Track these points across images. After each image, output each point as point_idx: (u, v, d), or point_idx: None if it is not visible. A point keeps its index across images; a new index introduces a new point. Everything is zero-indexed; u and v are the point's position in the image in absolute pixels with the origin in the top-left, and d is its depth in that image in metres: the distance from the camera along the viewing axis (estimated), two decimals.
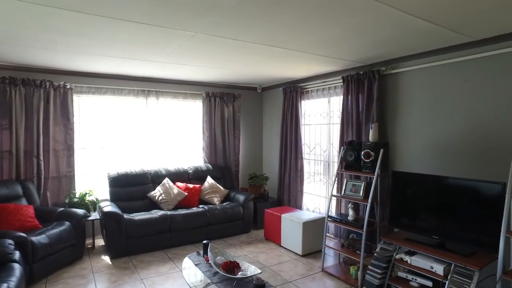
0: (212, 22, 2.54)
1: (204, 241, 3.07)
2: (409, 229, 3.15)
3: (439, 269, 2.68)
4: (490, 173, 2.86)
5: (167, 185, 4.83)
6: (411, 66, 3.56)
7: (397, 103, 3.72)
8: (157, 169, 5.04)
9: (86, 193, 4.47)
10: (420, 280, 2.86)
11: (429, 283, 2.80)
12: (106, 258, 4.06)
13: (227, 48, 3.30)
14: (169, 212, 4.46)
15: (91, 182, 4.79)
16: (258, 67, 4.30)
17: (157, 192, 4.77)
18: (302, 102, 5.21)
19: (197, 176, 5.27)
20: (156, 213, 4.38)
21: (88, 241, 4.54)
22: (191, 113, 5.60)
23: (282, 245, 4.47)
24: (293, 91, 5.19)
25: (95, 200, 4.50)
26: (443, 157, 3.28)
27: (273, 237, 4.62)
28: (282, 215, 4.43)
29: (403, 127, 3.66)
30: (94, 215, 4.36)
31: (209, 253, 2.80)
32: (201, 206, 4.82)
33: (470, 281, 2.47)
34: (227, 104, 5.72)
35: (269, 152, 6.10)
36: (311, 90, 5.05)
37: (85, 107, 4.74)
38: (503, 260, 2.34)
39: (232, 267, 2.56)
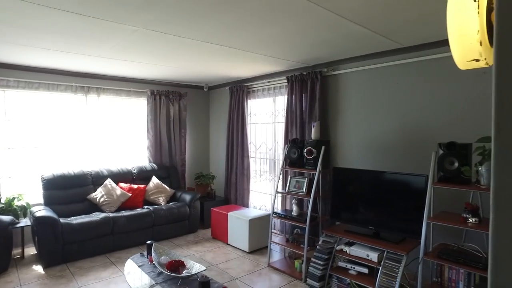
0: (155, 17, 2.48)
1: (148, 242, 2.98)
2: (349, 222, 3.35)
3: (374, 256, 2.89)
4: (417, 166, 3.16)
5: (109, 186, 4.61)
6: (350, 68, 3.80)
7: (338, 102, 3.94)
8: (98, 169, 4.78)
9: (14, 198, 4.09)
10: (358, 268, 3.06)
11: (365, 270, 3.00)
12: (38, 268, 3.75)
13: (172, 45, 3.25)
14: (111, 214, 4.25)
15: (21, 185, 4.40)
16: (204, 65, 4.28)
17: (98, 194, 4.52)
18: (248, 101, 5.28)
19: (142, 176, 5.10)
20: (97, 216, 4.16)
21: (16, 251, 4.14)
22: (135, 111, 5.39)
23: (229, 243, 4.49)
24: (239, 91, 5.25)
25: (25, 205, 4.13)
26: (378, 153, 3.54)
27: (220, 235, 4.63)
28: (229, 213, 4.45)
29: (343, 125, 3.89)
30: (25, 222, 3.99)
31: (153, 254, 2.73)
32: (146, 207, 4.67)
33: (399, 265, 2.70)
34: (173, 103, 5.60)
35: (216, 151, 6.09)
36: (257, 90, 5.14)
37: (13, 103, 4.33)
38: (425, 244, 2.60)
39: (176, 266, 2.53)
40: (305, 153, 3.61)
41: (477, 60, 1.12)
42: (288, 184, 3.82)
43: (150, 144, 5.43)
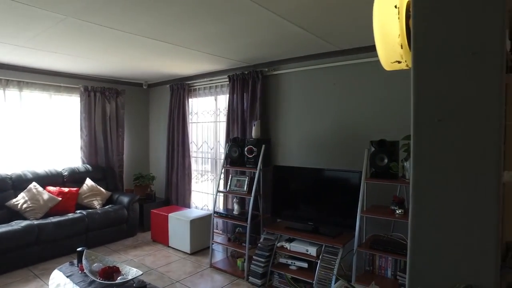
0: (85, 4, 2.30)
1: (79, 249, 2.76)
2: (289, 219, 3.44)
3: (312, 251, 3.00)
4: (354, 163, 3.32)
5: (34, 190, 4.19)
6: (290, 68, 3.89)
7: (279, 102, 4.02)
8: (20, 172, 4.31)
9: None
10: (298, 263, 3.14)
11: (305, 265, 3.10)
12: None
13: (106, 38, 3.05)
14: (36, 222, 3.86)
15: None
16: (142, 62, 4.09)
17: (20, 200, 4.08)
18: (190, 100, 5.17)
19: (74, 178, 4.72)
20: (18, 224, 3.74)
21: None
22: (66, 108, 4.97)
23: (170, 245, 4.35)
24: (180, 89, 5.11)
25: None
26: (317, 151, 3.67)
27: (161, 238, 4.46)
28: (169, 214, 4.31)
29: (284, 124, 3.97)
30: None
31: (84, 261, 2.53)
32: (78, 211, 4.33)
33: (335, 257, 2.83)
34: (109, 100, 5.27)
35: (156, 151, 5.87)
36: (199, 88, 5.05)
37: None
38: (359, 236, 2.76)
39: (110, 272, 2.37)
40: (245, 152, 3.62)
41: (399, 62, 1.20)
42: (229, 183, 3.80)
43: (84, 144, 5.05)
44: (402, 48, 1.15)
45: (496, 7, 0.91)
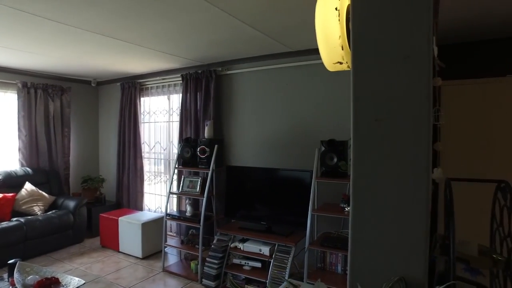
0: None
1: (10, 261, 2.51)
2: (243, 219, 3.43)
3: (266, 250, 3.01)
4: (306, 162, 3.38)
5: None
6: (244, 68, 3.88)
7: (232, 102, 4.00)
8: None
9: None
10: (252, 263, 3.14)
11: (259, 265, 3.11)
12: None
13: (47, 30, 2.83)
14: None
15: None
16: (90, 58, 3.87)
17: None
18: (142, 99, 4.99)
19: (11, 183, 4.33)
20: None
21: None
22: (1, 106, 4.56)
23: (120, 250, 4.15)
24: (131, 87, 4.91)
25: None
26: (271, 151, 3.70)
27: (111, 243, 4.25)
28: (120, 218, 4.12)
29: (238, 124, 3.96)
30: None
31: (15, 275, 2.31)
32: (15, 219, 3.98)
33: (288, 256, 2.87)
34: (53, 98, 4.92)
35: (106, 152, 5.59)
36: (151, 87, 4.89)
37: None
38: (310, 234, 2.82)
39: (48, 284, 2.20)
40: (198, 152, 3.56)
41: (340, 63, 1.23)
42: (181, 184, 3.72)
43: (23, 146, 4.67)
44: (343, 49, 1.18)
45: (424, 15, 0.96)
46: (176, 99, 4.67)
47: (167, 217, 3.73)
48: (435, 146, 1.19)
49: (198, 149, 3.56)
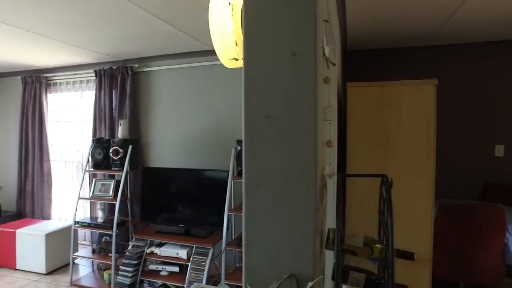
0: None
1: None
2: (161, 222, 3.28)
3: (183, 253, 2.91)
4: (226, 162, 3.34)
5: None
6: (162, 65, 3.73)
7: (150, 100, 3.81)
8: None
9: None
10: (169, 268, 3.02)
11: (176, 269, 3.00)
12: None
13: None
14: None
15: None
16: None
17: None
18: (49, 95, 4.50)
19: None
20: None
21: None
22: None
23: (18, 268, 3.65)
24: (36, 82, 4.39)
25: None
26: (191, 151, 3.60)
27: (5, 260, 3.70)
28: (18, 230, 3.64)
29: (157, 124, 3.78)
30: None
31: None
32: None
33: (206, 258, 2.81)
34: None
35: (4, 155, 4.90)
36: (60, 83, 4.44)
37: None
38: (227, 235, 2.79)
39: None
40: (111, 153, 3.32)
41: (236, 59, 1.21)
42: (92, 188, 3.42)
43: None
44: (237, 45, 1.16)
45: (310, 13, 0.98)
46: (89, 97, 4.29)
47: (76, 225, 3.40)
48: (329, 144, 1.24)
49: (111, 150, 3.31)
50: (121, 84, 3.82)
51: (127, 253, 3.07)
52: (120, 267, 3.04)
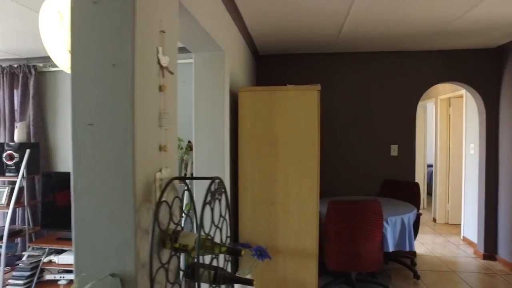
0: None
1: None
2: (64, 228, 3.13)
3: None
4: None
5: None
6: None
7: (58, 102, 3.64)
8: None
9: None
10: (68, 276, 2.90)
11: None
12: None
13: None
14: None
15: None
16: None
17: None
18: None
19: None
20: None
21: None
22: None
23: None
24: None
25: None
26: None
27: None
28: None
29: (66, 126, 3.62)
30: None
31: None
32: None
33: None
34: None
35: None
36: None
37: None
38: None
39: None
40: (4, 158, 3.11)
41: None
42: None
43: None
44: (70, 53, 1.18)
45: (128, 26, 1.04)
46: None
47: None
48: (165, 148, 1.29)
49: (4, 154, 3.10)
50: (23, 84, 3.59)
51: (19, 265, 2.89)
52: (9, 281, 2.85)
